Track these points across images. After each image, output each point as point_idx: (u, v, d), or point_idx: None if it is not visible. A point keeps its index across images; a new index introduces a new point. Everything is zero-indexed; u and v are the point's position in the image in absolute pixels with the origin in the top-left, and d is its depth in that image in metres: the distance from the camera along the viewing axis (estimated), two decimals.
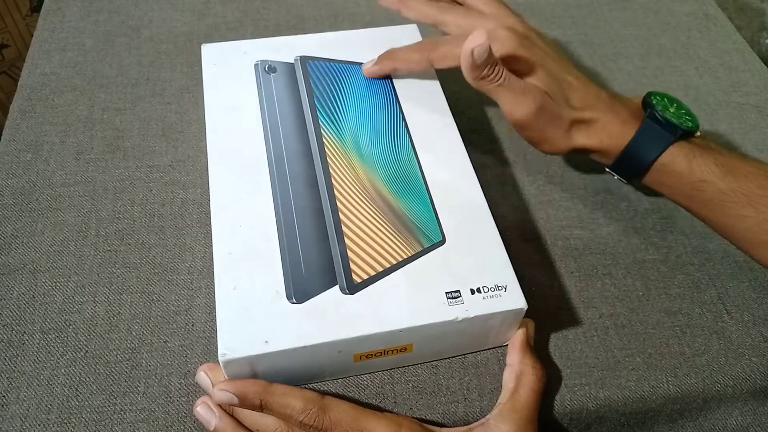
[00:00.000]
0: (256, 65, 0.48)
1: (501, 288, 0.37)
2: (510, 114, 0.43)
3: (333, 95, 0.46)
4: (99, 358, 0.39)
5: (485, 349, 0.41)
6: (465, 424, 0.38)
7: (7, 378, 0.38)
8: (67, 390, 0.38)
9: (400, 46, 0.48)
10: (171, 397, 0.38)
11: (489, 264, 0.38)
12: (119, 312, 0.41)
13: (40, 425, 0.37)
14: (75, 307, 0.41)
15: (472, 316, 0.36)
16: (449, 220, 0.40)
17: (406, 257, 0.38)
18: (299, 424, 0.34)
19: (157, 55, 0.57)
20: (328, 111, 0.45)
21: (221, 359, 0.34)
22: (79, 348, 0.40)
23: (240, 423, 0.36)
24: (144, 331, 0.41)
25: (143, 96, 0.54)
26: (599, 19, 0.65)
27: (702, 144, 0.44)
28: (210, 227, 0.42)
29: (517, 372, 0.38)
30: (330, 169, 0.42)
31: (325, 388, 0.39)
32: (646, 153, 0.43)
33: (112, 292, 0.42)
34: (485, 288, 0.37)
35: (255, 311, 0.35)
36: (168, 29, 0.60)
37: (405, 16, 0.50)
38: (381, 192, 0.41)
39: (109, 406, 0.38)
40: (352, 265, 0.37)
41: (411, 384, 0.39)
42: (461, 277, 0.37)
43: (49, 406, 0.37)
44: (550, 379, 0.40)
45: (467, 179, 0.42)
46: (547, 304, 0.43)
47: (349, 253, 0.38)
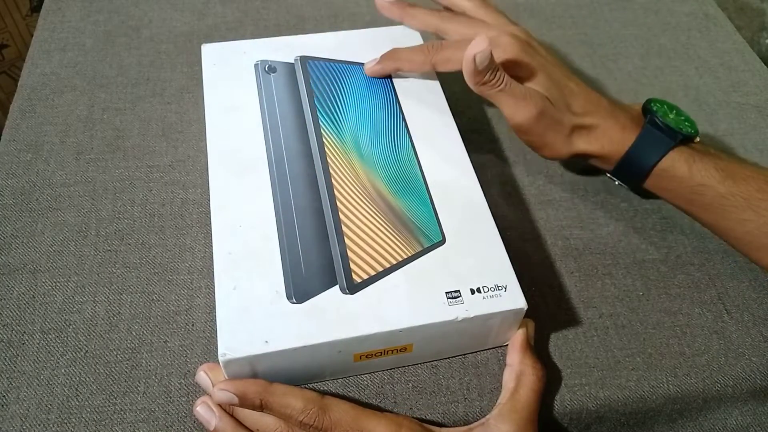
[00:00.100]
0: (256, 65, 0.48)
1: (501, 288, 0.37)
2: (511, 119, 0.44)
3: (333, 95, 0.46)
4: (99, 358, 0.39)
5: (485, 349, 0.41)
6: (465, 424, 0.38)
7: (7, 378, 0.38)
8: (67, 390, 0.38)
9: (401, 46, 0.48)
10: (171, 397, 0.38)
11: (489, 264, 0.38)
12: (119, 312, 0.41)
13: (40, 425, 0.37)
14: (75, 307, 0.41)
15: (472, 316, 0.36)
16: (449, 220, 0.40)
17: (406, 257, 0.38)
18: (299, 423, 0.34)
19: (157, 55, 0.57)
20: (328, 111, 0.45)
21: (221, 359, 0.34)
22: (79, 348, 0.40)
23: (240, 423, 0.36)
24: (144, 331, 0.41)
25: (143, 96, 0.54)
26: (599, 19, 0.65)
27: (702, 149, 0.44)
28: (210, 227, 0.42)
29: (517, 372, 0.38)
30: (330, 169, 0.42)
31: (325, 388, 0.39)
32: (646, 158, 0.43)
33: (112, 292, 0.42)
34: (485, 288, 0.37)
35: (255, 311, 0.35)
36: (168, 29, 0.60)
37: (407, 24, 0.50)
38: (381, 192, 0.41)
39: (109, 406, 0.38)
40: (352, 265, 0.37)
41: (411, 384, 0.39)
42: (461, 277, 0.37)
43: (49, 406, 0.37)
44: (550, 379, 0.40)
45: (467, 179, 0.42)
46: (547, 304, 0.43)
47: (349, 253, 0.38)
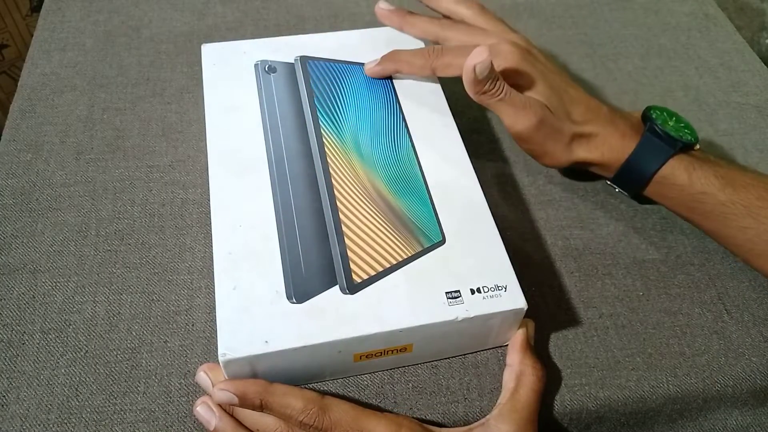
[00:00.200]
0: (256, 65, 0.48)
1: (501, 288, 0.37)
2: (511, 127, 0.44)
3: (333, 95, 0.46)
4: (99, 358, 0.39)
5: (485, 349, 0.41)
6: (465, 424, 0.38)
7: (7, 378, 0.38)
8: (67, 390, 0.38)
9: (401, 47, 0.48)
10: (171, 397, 0.38)
11: (489, 264, 0.38)
12: (119, 312, 0.41)
13: (40, 425, 0.37)
14: (75, 307, 0.41)
15: (472, 316, 0.36)
16: (449, 220, 0.40)
17: (406, 257, 0.38)
18: (299, 424, 0.34)
19: (157, 55, 0.57)
20: (328, 111, 0.45)
21: (221, 359, 0.34)
22: (79, 348, 0.40)
23: (240, 423, 0.36)
24: (144, 331, 0.41)
25: (143, 96, 0.54)
26: (599, 19, 0.65)
27: (701, 156, 0.45)
28: (210, 227, 0.42)
29: (517, 372, 0.38)
30: (330, 169, 0.42)
31: (325, 388, 0.39)
32: (646, 166, 0.44)
33: (112, 292, 0.42)
34: (485, 288, 0.37)
35: (255, 311, 0.35)
36: (168, 29, 0.60)
37: (407, 33, 0.50)
38: (381, 192, 0.41)
39: (109, 406, 0.38)
40: (352, 265, 0.37)
41: (411, 384, 0.39)
42: (461, 277, 0.37)
43: (49, 406, 0.37)
44: (550, 379, 0.40)
45: (467, 179, 0.42)
46: (547, 304, 0.43)
47: (349, 253, 0.38)
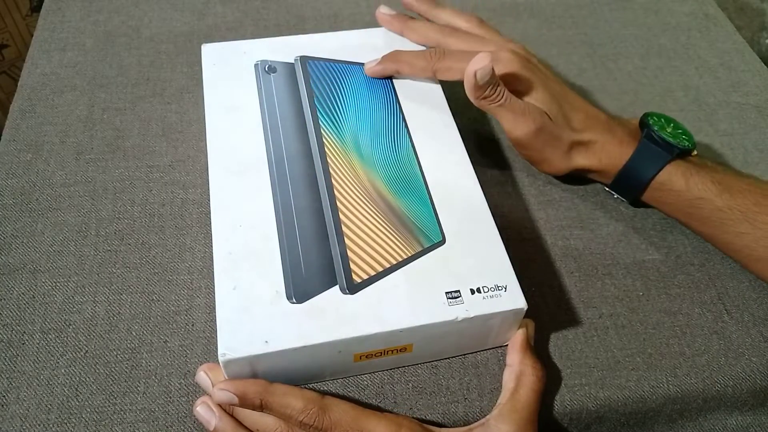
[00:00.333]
0: (256, 65, 0.48)
1: (501, 288, 0.37)
2: (510, 133, 0.44)
3: (333, 95, 0.46)
4: (99, 358, 0.39)
5: (485, 349, 0.41)
6: (465, 424, 0.38)
7: (7, 378, 0.38)
8: (67, 390, 0.38)
9: (401, 48, 0.48)
10: (171, 397, 0.38)
11: (489, 264, 0.38)
12: (119, 312, 0.41)
13: (40, 425, 0.37)
14: (75, 307, 0.41)
15: (472, 316, 0.36)
16: (449, 220, 0.40)
17: (406, 257, 0.38)
18: (299, 424, 0.34)
19: (157, 55, 0.57)
20: (328, 111, 0.45)
21: (221, 359, 0.34)
22: (79, 348, 0.40)
23: (240, 423, 0.36)
24: (144, 331, 0.41)
25: (143, 96, 0.54)
26: (599, 19, 0.65)
27: (699, 162, 0.45)
28: (210, 227, 0.42)
29: (517, 372, 0.38)
30: (330, 169, 0.42)
31: (325, 388, 0.39)
32: (643, 172, 0.44)
33: (112, 292, 0.42)
34: (485, 288, 0.37)
35: (255, 311, 0.35)
36: (168, 29, 0.60)
37: (408, 38, 0.50)
38: (381, 192, 0.41)
39: (109, 406, 0.38)
40: (352, 265, 0.37)
41: (411, 384, 0.39)
42: (461, 277, 0.37)
43: (49, 406, 0.37)
44: (550, 379, 0.40)
45: (467, 179, 0.42)
46: (547, 304, 0.43)
47: (349, 253, 0.38)
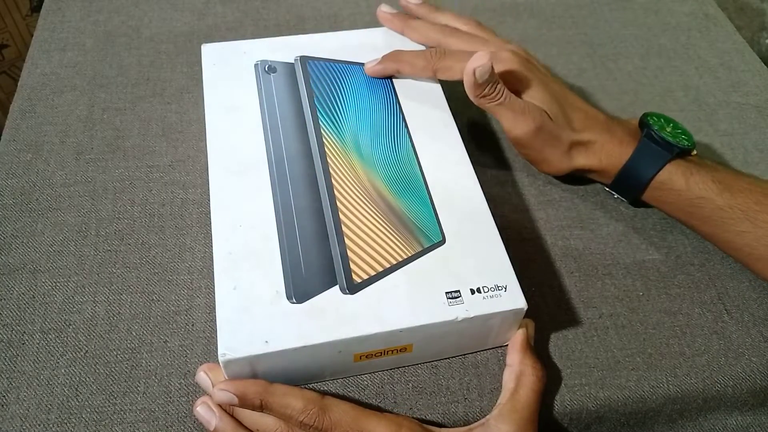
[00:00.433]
0: (256, 65, 0.48)
1: (501, 288, 0.37)
2: (509, 132, 0.45)
3: (333, 95, 0.46)
4: (99, 358, 0.39)
5: (485, 349, 0.41)
6: (465, 424, 0.38)
7: (7, 378, 0.38)
8: (67, 390, 0.38)
9: (401, 48, 0.48)
10: (171, 397, 0.38)
11: (489, 264, 0.38)
12: (119, 312, 0.41)
13: (40, 425, 0.37)
14: (75, 307, 0.41)
15: (472, 316, 0.36)
16: (449, 220, 0.40)
17: (406, 257, 0.38)
18: (299, 424, 0.34)
19: (157, 55, 0.57)
20: (328, 111, 0.45)
21: (221, 359, 0.34)
22: (79, 348, 0.40)
23: (240, 423, 0.36)
24: (144, 331, 0.41)
25: (143, 96, 0.54)
26: (599, 19, 0.65)
27: (698, 162, 0.45)
28: (210, 227, 0.42)
29: (517, 372, 0.38)
30: (330, 169, 0.42)
31: (325, 388, 0.39)
32: (644, 171, 0.44)
33: (112, 292, 0.42)
34: (485, 288, 0.37)
35: (255, 311, 0.35)
36: (168, 29, 0.60)
37: (408, 37, 0.50)
38: (381, 192, 0.41)
39: (109, 406, 0.38)
40: (352, 265, 0.37)
41: (411, 384, 0.39)
42: (461, 277, 0.37)
43: (49, 406, 0.37)
44: (550, 379, 0.40)
45: (467, 179, 0.42)
46: (547, 304, 0.43)
47: (349, 253, 0.38)
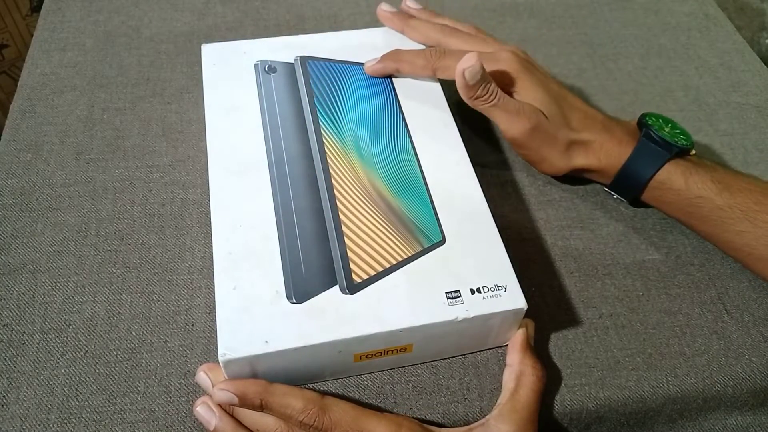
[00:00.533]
0: (256, 65, 0.48)
1: (501, 288, 0.37)
2: (505, 132, 0.45)
3: (333, 95, 0.46)
4: (99, 358, 0.39)
5: (485, 349, 0.41)
6: (465, 424, 0.38)
7: (7, 378, 0.38)
8: (67, 390, 0.38)
9: (402, 47, 0.48)
10: (171, 397, 0.38)
11: (489, 264, 0.38)
12: (119, 312, 0.41)
13: (40, 425, 0.37)
14: (75, 307, 0.41)
15: (472, 316, 0.36)
16: (449, 220, 0.40)
17: (406, 257, 0.38)
18: (299, 424, 0.34)
19: (157, 55, 0.57)
20: (328, 111, 0.45)
21: (221, 359, 0.34)
22: (79, 348, 0.40)
23: (240, 423, 0.36)
24: (144, 331, 0.41)
25: (143, 96, 0.54)
26: (599, 19, 0.65)
27: (697, 161, 0.45)
28: (210, 227, 0.42)
29: (517, 372, 0.38)
30: (330, 169, 0.42)
31: (325, 388, 0.39)
32: (643, 171, 0.44)
33: (112, 292, 0.42)
34: (485, 288, 0.37)
35: (255, 311, 0.35)
36: (168, 29, 0.60)
37: (408, 36, 0.51)
38: (381, 192, 0.41)
39: (109, 406, 0.38)
40: (352, 265, 0.37)
41: (411, 384, 0.39)
42: (461, 277, 0.37)
43: (49, 406, 0.37)
44: (550, 379, 0.40)
45: (467, 179, 0.42)
46: (547, 304, 0.43)
47: (349, 253, 0.38)
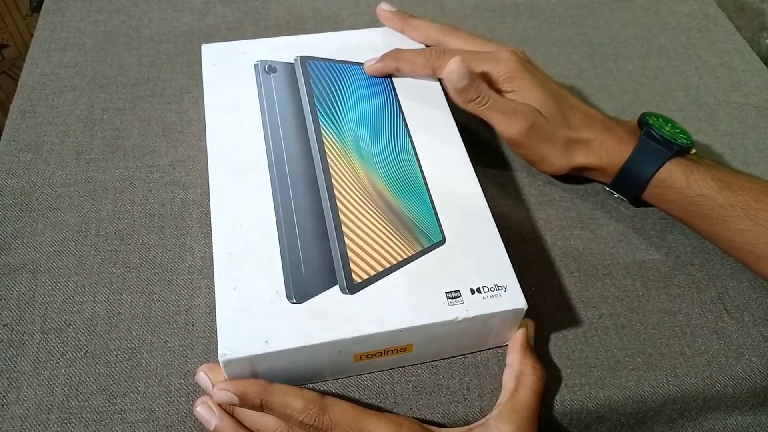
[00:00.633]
0: (256, 65, 0.48)
1: (501, 288, 0.37)
2: (502, 134, 0.45)
3: (333, 95, 0.46)
4: (99, 358, 0.39)
5: (485, 349, 0.41)
6: (465, 424, 0.38)
7: (7, 378, 0.38)
8: (67, 390, 0.38)
9: (402, 46, 0.48)
10: (171, 397, 0.38)
11: (489, 264, 0.38)
12: (119, 312, 0.41)
13: (40, 425, 0.37)
14: (75, 307, 0.41)
15: (472, 316, 0.36)
16: (449, 220, 0.40)
17: (406, 257, 0.38)
18: (299, 423, 0.34)
19: (157, 55, 0.57)
20: (328, 111, 0.45)
21: (221, 359, 0.34)
22: (79, 348, 0.40)
23: (240, 423, 0.36)
24: (144, 331, 0.41)
25: (143, 96, 0.54)
26: (599, 19, 0.65)
27: (698, 160, 0.45)
28: (210, 227, 0.42)
29: (517, 372, 0.38)
30: (330, 169, 0.42)
31: (325, 388, 0.39)
32: (644, 169, 0.44)
33: (112, 292, 0.42)
34: (485, 288, 0.37)
35: (255, 311, 0.35)
36: (168, 29, 0.60)
37: (408, 36, 0.51)
38: (381, 192, 0.41)
39: (109, 406, 0.38)
40: (352, 265, 0.37)
41: (411, 384, 0.39)
42: (461, 277, 0.37)
43: (49, 406, 0.37)
44: (550, 379, 0.40)
45: (467, 179, 0.42)
46: (547, 304, 0.43)
47: (349, 253, 0.38)
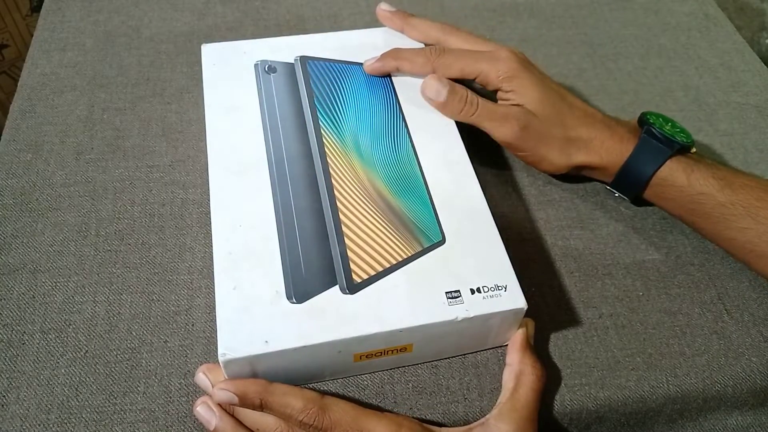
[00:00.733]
0: (256, 65, 0.48)
1: (501, 288, 0.37)
2: (497, 139, 0.45)
3: (333, 95, 0.46)
4: (99, 358, 0.39)
5: (485, 349, 0.41)
6: (465, 424, 0.38)
7: (7, 378, 0.38)
8: (67, 390, 0.38)
9: (402, 46, 0.48)
10: (171, 397, 0.38)
11: (489, 264, 0.38)
12: (119, 312, 0.41)
13: (40, 425, 0.37)
14: (75, 307, 0.41)
15: (472, 315, 0.36)
16: (449, 220, 0.40)
17: (406, 257, 0.38)
18: (299, 423, 0.34)
19: (157, 55, 0.57)
20: (328, 111, 0.45)
21: (221, 359, 0.34)
22: (79, 348, 0.40)
23: (240, 422, 0.36)
24: (144, 331, 0.41)
25: (143, 96, 0.54)
26: (599, 19, 0.65)
27: (698, 159, 0.45)
28: (210, 227, 0.42)
29: (517, 372, 0.38)
30: (330, 170, 0.42)
31: (325, 388, 0.39)
32: (645, 167, 0.44)
33: (112, 292, 0.42)
34: (485, 288, 0.37)
35: (255, 311, 0.35)
36: (168, 29, 0.60)
37: (408, 35, 0.51)
38: (381, 192, 0.41)
39: (109, 406, 0.38)
40: (352, 265, 0.37)
41: (411, 384, 0.39)
42: (461, 277, 0.37)
43: (49, 406, 0.37)
44: (550, 379, 0.40)
45: (467, 179, 0.42)
46: (547, 304, 0.43)
47: (349, 253, 0.38)
